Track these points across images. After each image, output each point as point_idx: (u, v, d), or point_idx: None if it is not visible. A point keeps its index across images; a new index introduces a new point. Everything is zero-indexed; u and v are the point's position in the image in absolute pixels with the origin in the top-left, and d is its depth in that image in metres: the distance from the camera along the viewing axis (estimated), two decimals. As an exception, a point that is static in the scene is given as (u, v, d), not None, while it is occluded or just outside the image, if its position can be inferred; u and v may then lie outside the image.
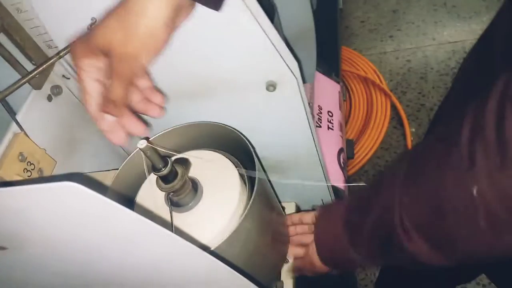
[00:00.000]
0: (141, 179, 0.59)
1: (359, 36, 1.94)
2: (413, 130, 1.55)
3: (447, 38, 1.79)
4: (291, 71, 0.52)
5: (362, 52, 1.86)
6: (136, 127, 0.45)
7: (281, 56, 0.51)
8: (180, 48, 0.51)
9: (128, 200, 0.57)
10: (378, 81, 1.68)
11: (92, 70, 0.41)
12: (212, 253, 0.45)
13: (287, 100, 0.57)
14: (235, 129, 0.56)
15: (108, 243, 0.32)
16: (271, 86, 0.54)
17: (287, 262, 0.64)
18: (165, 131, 0.59)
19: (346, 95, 1.56)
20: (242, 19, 0.47)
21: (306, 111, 0.59)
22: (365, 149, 1.52)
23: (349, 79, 1.74)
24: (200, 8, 0.43)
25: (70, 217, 0.29)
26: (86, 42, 0.40)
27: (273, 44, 0.49)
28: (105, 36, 0.39)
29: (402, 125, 1.57)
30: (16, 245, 0.34)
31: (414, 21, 1.92)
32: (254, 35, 0.48)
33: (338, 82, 1.21)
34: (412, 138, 1.51)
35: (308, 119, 0.60)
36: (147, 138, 0.47)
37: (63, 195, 0.27)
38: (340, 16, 1.95)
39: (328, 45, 1.35)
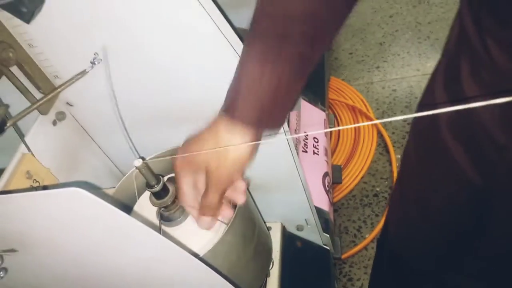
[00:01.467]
0: (137, 195, 0.64)
1: (347, 67, 2.03)
2: (398, 156, 1.61)
3: (431, 69, 1.88)
4: (271, 100, 0.59)
5: (350, 82, 1.94)
6: (227, 213, 0.52)
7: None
8: (167, 79, 0.58)
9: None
10: (365, 110, 1.76)
11: (189, 178, 0.49)
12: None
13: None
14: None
15: (107, 244, 0.37)
16: (253, 113, 0.61)
17: (269, 276, 0.69)
18: (158, 152, 0.65)
19: (334, 123, 1.63)
20: (225, 53, 0.54)
21: (286, 135, 0.65)
22: (353, 175, 1.58)
23: (338, 108, 1.82)
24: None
25: (75, 220, 0.35)
26: (187, 158, 0.48)
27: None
28: (203, 160, 0.47)
29: (388, 151, 1.63)
30: (26, 248, 0.39)
31: (399, 53, 2.02)
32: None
33: (324, 111, 1.28)
34: (397, 164, 1.58)
35: (288, 143, 0.67)
36: (142, 158, 0.53)
37: (69, 200, 0.32)
38: (329, 49, 2.05)
39: (314, 76, 1.43)
